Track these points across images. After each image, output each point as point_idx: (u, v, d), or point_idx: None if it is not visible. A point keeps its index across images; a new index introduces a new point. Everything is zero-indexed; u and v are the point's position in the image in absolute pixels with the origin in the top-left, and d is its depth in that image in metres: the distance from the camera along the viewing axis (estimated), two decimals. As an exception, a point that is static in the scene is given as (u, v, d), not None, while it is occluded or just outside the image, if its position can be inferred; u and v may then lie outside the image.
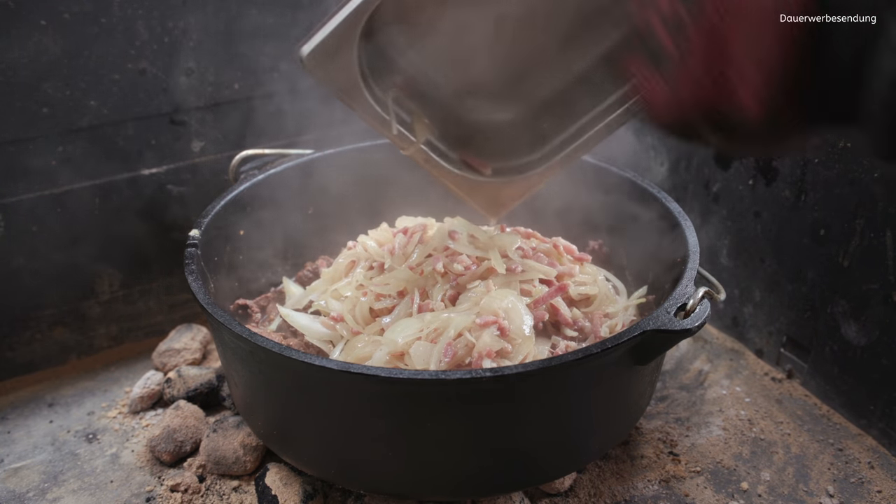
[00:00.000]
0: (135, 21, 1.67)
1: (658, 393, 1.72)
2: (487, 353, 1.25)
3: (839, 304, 1.59)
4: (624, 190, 1.64)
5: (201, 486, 1.46)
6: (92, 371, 1.83)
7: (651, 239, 1.58)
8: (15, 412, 1.69)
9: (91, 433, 1.63)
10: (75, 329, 1.83)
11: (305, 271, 1.77)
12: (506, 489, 1.34)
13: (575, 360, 1.12)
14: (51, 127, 1.65)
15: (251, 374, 1.31)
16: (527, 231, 1.62)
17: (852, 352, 1.59)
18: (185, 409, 1.57)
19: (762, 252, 1.75)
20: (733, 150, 1.64)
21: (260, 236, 1.70)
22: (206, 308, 1.25)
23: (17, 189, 1.66)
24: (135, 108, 1.74)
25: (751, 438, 1.59)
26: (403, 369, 1.20)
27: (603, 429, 1.35)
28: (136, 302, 1.90)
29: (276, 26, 1.83)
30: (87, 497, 1.46)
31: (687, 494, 1.45)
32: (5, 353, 1.76)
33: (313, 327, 1.47)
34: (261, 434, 1.40)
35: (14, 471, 1.53)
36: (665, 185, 1.97)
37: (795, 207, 1.64)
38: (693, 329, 1.18)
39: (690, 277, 1.31)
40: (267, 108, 1.90)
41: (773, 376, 1.77)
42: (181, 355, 1.75)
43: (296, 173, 1.75)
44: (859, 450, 1.56)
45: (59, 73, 1.62)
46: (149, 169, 1.80)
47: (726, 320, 1.91)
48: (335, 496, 1.43)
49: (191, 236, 1.45)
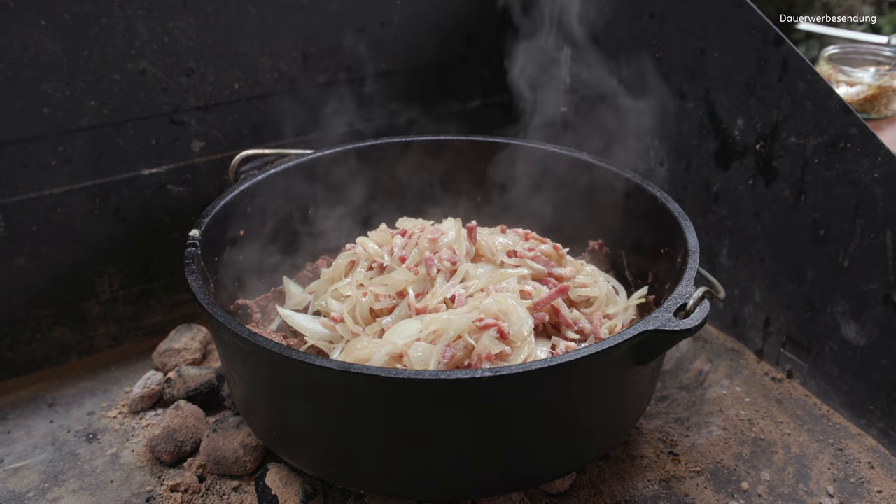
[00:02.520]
0: (135, 21, 1.67)
1: (658, 393, 1.72)
2: (487, 356, 1.25)
3: (839, 304, 1.59)
4: (624, 190, 1.64)
5: (201, 486, 1.46)
6: (92, 371, 1.83)
7: (651, 239, 1.58)
8: (15, 412, 1.69)
9: (91, 433, 1.63)
10: (75, 329, 1.83)
11: (305, 271, 1.77)
12: (506, 489, 1.34)
13: (575, 360, 1.12)
14: (51, 127, 1.65)
15: (251, 374, 1.31)
16: (526, 232, 1.63)
17: (852, 352, 1.59)
18: (185, 409, 1.57)
19: (762, 252, 1.75)
20: None
21: (260, 236, 1.70)
22: (206, 308, 1.25)
23: (17, 189, 1.66)
24: (135, 108, 1.74)
25: (751, 438, 1.59)
26: (403, 369, 1.20)
27: (603, 429, 1.35)
28: (136, 302, 1.90)
29: (277, 26, 1.84)
30: (88, 497, 1.46)
31: (687, 494, 1.45)
32: (5, 353, 1.76)
33: (313, 328, 1.47)
34: (261, 434, 1.40)
35: (14, 471, 1.53)
36: (665, 185, 1.97)
37: (795, 207, 1.64)
38: (693, 329, 1.18)
39: (690, 277, 1.31)
40: (267, 108, 1.90)
41: (773, 376, 1.77)
42: (181, 355, 1.75)
43: (296, 173, 1.75)
44: (859, 450, 1.56)
45: (59, 73, 1.62)
46: (149, 169, 1.80)
47: (726, 320, 1.91)
48: (335, 496, 1.43)
49: (191, 236, 1.45)
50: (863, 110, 2.06)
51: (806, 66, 1.54)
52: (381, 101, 2.05)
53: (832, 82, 2.09)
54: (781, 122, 1.63)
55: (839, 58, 2.18)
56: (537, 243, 1.57)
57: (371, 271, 1.54)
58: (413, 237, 1.53)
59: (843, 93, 2.04)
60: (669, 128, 1.92)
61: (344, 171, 1.82)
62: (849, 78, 2.08)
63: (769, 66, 1.61)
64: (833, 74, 2.11)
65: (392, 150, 1.86)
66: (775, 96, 1.62)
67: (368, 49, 1.98)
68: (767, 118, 1.66)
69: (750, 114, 1.69)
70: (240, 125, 1.88)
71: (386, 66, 2.02)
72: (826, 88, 1.52)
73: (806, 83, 1.55)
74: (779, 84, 1.61)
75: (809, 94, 1.55)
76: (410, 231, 1.57)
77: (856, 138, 1.49)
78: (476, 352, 1.26)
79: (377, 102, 2.04)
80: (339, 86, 1.97)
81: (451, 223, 1.57)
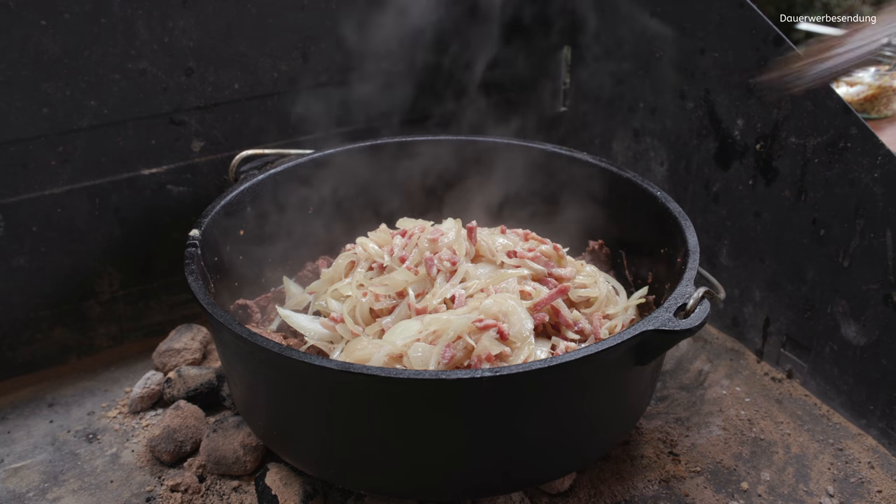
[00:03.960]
0: (135, 21, 1.66)
1: (658, 393, 1.72)
2: (487, 357, 1.25)
3: (839, 304, 1.59)
4: (624, 190, 1.64)
5: (201, 486, 1.46)
6: (92, 371, 1.83)
7: (651, 239, 1.58)
8: (15, 412, 1.69)
9: (91, 433, 1.63)
10: (75, 329, 1.83)
11: (305, 271, 1.77)
12: (506, 489, 1.34)
13: (575, 360, 1.12)
14: (51, 127, 1.65)
15: (251, 374, 1.31)
16: (525, 232, 1.62)
17: (852, 352, 1.59)
18: (185, 409, 1.57)
19: (762, 252, 1.75)
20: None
21: (260, 236, 1.70)
22: (206, 308, 1.25)
23: (17, 189, 1.66)
24: (135, 108, 1.73)
25: (751, 438, 1.59)
26: (403, 369, 1.20)
27: (603, 429, 1.35)
28: (136, 302, 1.90)
29: (276, 26, 1.83)
30: (88, 497, 1.46)
31: (687, 494, 1.45)
32: (5, 353, 1.76)
33: (313, 328, 1.47)
34: (261, 434, 1.40)
35: (14, 471, 1.53)
36: (665, 185, 1.97)
37: (795, 207, 1.64)
38: (693, 329, 1.18)
39: (690, 277, 1.31)
40: (267, 108, 1.90)
41: (773, 376, 1.77)
42: (181, 355, 1.75)
43: (296, 173, 1.75)
44: (859, 450, 1.56)
45: (59, 73, 1.62)
46: (149, 169, 1.80)
47: (726, 320, 1.91)
48: (335, 496, 1.43)
49: (191, 236, 1.45)
50: (863, 110, 2.06)
51: (806, 66, 1.55)
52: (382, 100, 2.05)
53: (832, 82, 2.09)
54: (781, 122, 1.63)
55: (839, 58, 2.17)
56: (537, 244, 1.57)
57: (371, 271, 1.54)
58: (413, 237, 1.53)
59: (843, 93, 2.04)
60: (669, 128, 1.92)
61: (344, 171, 1.82)
62: (849, 78, 2.08)
63: (769, 66, 1.61)
64: (833, 74, 2.11)
65: (393, 150, 1.86)
66: (775, 96, 1.62)
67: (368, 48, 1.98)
68: (767, 118, 1.66)
69: (750, 114, 1.69)
70: (240, 125, 1.88)
71: (386, 65, 2.02)
72: (826, 88, 1.52)
73: (806, 83, 1.55)
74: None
75: (809, 94, 1.55)
76: (410, 231, 1.57)
77: (856, 138, 1.49)
78: (476, 352, 1.26)
79: (378, 102, 2.04)
80: (339, 85, 1.96)
81: (451, 224, 1.57)
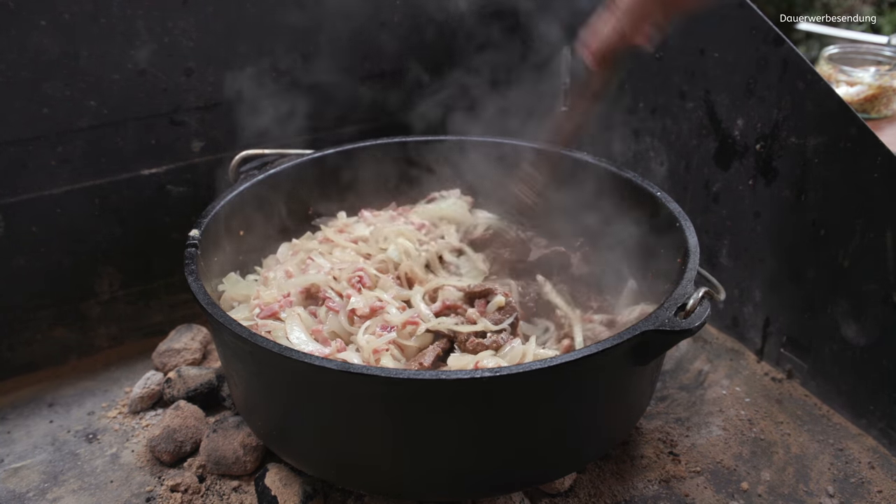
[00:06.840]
0: (135, 21, 1.66)
1: (658, 393, 1.72)
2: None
3: (839, 304, 1.59)
4: (624, 190, 1.64)
5: (201, 486, 1.46)
6: (92, 371, 1.82)
7: (651, 239, 1.58)
8: (15, 412, 1.69)
9: (91, 433, 1.63)
10: (75, 329, 1.83)
11: (305, 271, 1.77)
12: (506, 489, 1.34)
13: (575, 360, 1.12)
14: (51, 127, 1.65)
15: (251, 374, 1.31)
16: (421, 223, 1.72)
17: (852, 352, 1.59)
18: (185, 409, 1.57)
19: (762, 252, 1.75)
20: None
21: (260, 236, 1.70)
22: (206, 308, 1.25)
23: (17, 189, 1.66)
24: (135, 108, 1.73)
25: (751, 438, 1.59)
26: (403, 370, 1.20)
27: (603, 429, 1.35)
28: (136, 302, 1.90)
29: (276, 26, 1.83)
30: (87, 497, 1.46)
31: (687, 494, 1.45)
32: (5, 353, 1.76)
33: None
34: (261, 434, 1.40)
35: (14, 471, 1.53)
36: (665, 185, 1.96)
37: (795, 207, 1.64)
38: (693, 329, 1.18)
39: (690, 277, 1.31)
40: (267, 108, 1.89)
41: (773, 376, 1.77)
42: (181, 355, 1.75)
43: (296, 173, 1.75)
44: (859, 450, 1.56)
45: (59, 73, 1.62)
46: (149, 169, 1.80)
47: (726, 320, 1.91)
48: (335, 496, 1.43)
49: (191, 236, 1.45)
50: (863, 110, 2.06)
51: (806, 66, 1.54)
52: (383, 100, 2.05)
53: (832, 82, 2.09)
54: (781, 122, 1.63)
55: (839, 58, 2.18)
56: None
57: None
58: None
59: (843, 93, 2.04)
60: (669, 128, 1.92)
61: (344, 171, 1.82)
62: (849, 78, 2.08)
63: (769, 66, 1.61)
64: (833, 74, 2.11)
65: (393, 150, 1.86)
66: (775, 96, 1.62)
67: (369, 49, 1.98)
68: (767, 118, 1.66)
69: (750, 114, 1.69)
70: (240, 125, 1.88)
71: (386, 65, 2.02)
72: (826, 88, 1.52)
73: (806, 83, 1.55)
74: (779, 84, 1.61)
75: (809, 94, 1.55)
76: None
77: (856, 138, 1.49)
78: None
79: (378, 102, 2.04)
80: (339, 85, 1.96)
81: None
